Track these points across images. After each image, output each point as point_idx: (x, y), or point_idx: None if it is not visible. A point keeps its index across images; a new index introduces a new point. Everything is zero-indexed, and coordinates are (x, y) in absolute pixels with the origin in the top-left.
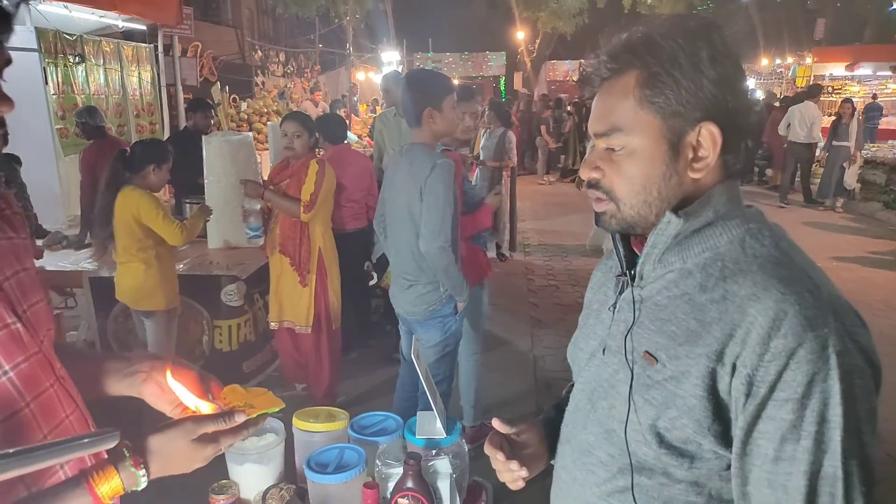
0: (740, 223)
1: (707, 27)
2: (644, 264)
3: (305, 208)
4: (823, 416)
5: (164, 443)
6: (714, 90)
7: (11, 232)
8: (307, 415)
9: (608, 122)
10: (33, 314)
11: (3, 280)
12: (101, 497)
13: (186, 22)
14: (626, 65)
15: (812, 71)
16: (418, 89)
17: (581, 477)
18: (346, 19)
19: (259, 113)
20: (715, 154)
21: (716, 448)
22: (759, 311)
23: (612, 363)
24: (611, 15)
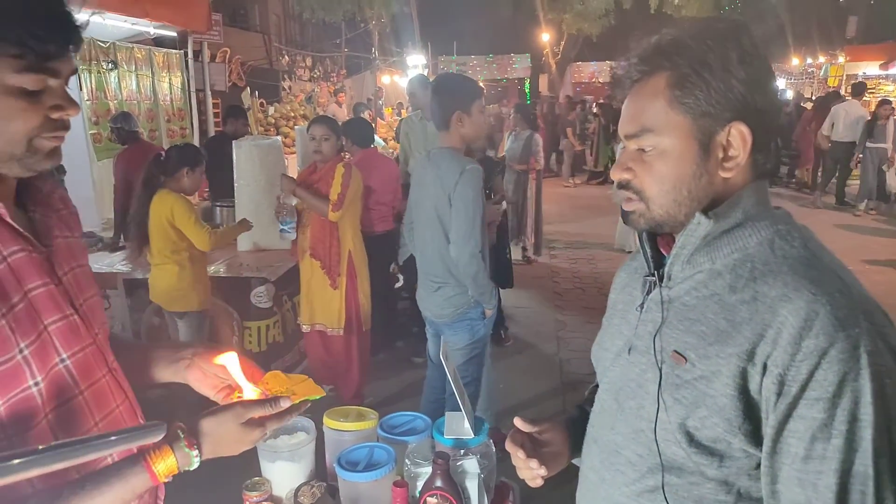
0: (769, 224)
1: (736, 28)
2: (673, 265)
3: (333, 207)
4: (855, 414)
5: (216, 425)
6: (744, 90)
7: (68, 231)
8: (337, 414)
9: (639, 123)
10: (89, 307)
11: (62, 275)
12: (158, 474)
13: (216, 28)
14: (656, 67)
15: (844, 70)
16: (448, 93)
17: (609, 477)
18: (371, 23)
19: (286, 117)
20: (745, 153)
21: (746, 447)
22: (790, 312)
23: (639, 363)
24: (637, 16)
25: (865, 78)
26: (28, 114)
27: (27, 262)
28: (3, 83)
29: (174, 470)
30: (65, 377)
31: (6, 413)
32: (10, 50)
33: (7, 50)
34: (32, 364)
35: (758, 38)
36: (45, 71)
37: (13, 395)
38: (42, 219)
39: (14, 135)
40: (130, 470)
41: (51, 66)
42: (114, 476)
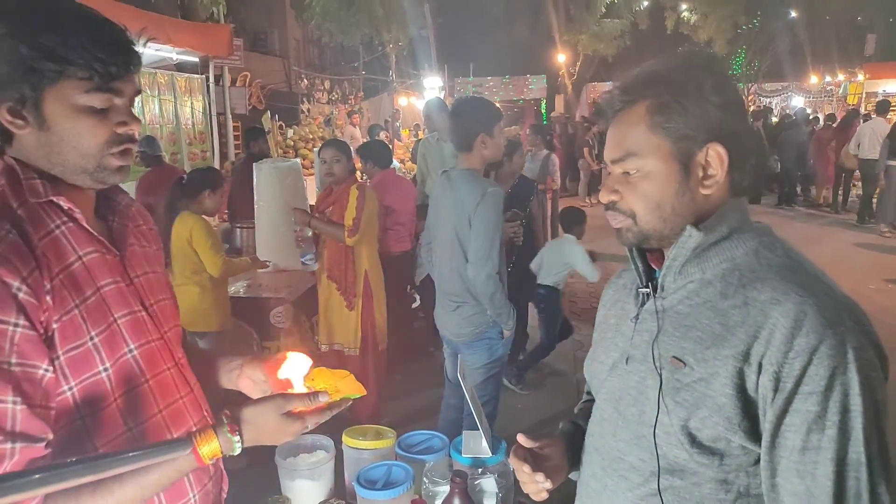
0: (753, 236)
1: (709, 60)
2: (665, 276)
3: (349, 233)
4: (845, 405)
5: (256, 414)
6: (719, 114)
7: (144, 242)
8: (356, 432)
9: (623, 148)
10: (159, 308)
11: (133, 277)
12: (203, 456)
13: (237, 53)
14: (637, 96)
15: (864, 88)
16: (471, 116)
17: (612, 483)
18: (389, 47)
19: (305, 139)
20: (723, 171)
21: (745, 443)
22: (780, 314)
23: (637, 371)
24: (653, 36)
25: (886, 95)
26: (97, 129)
27: (100, 262)
28: (74, 103)
29: (218, 453)
30: (132, 366)
31: (79, 395)
32: (78, 73)
33: (76, 73)
34: (102, 351)
35: (726, 68)
36: (111, 91)
37: (85, 379)
38: (118, 228)
39: (86, 149)
40: (178, 451)
41: (115, 86)
42: (160, 453)
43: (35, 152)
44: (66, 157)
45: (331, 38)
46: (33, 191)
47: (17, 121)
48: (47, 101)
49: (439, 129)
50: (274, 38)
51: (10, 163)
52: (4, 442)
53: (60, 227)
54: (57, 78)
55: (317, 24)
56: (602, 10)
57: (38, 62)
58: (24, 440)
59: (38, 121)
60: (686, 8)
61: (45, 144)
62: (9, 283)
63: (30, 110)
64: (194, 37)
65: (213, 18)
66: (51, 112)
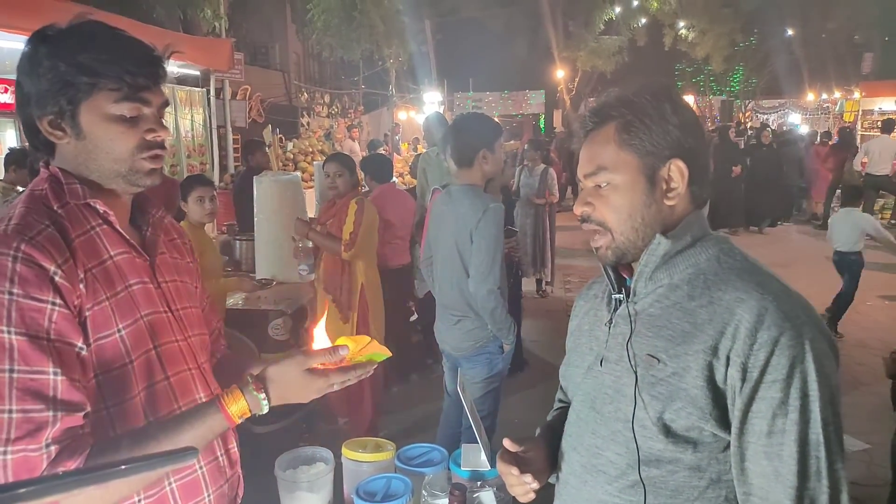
0: (714, 244)
1: (667, 87)
2: (637, 282)
3: (345, 247)
4: (805, 391)
5: (280, 373)
6: (678, 133)
7: (176, 254)
8: (356, 445)
9: (595, 163)
10: (185, 315)
11: (162, 281)
12: (232, 416)
13: (237, 67)
14: (605, 118)
15: (860, 105)
16: (473, 132)
17: (591, 479)
18: (389, 62)
19: (305, 153)
20: (684, 184)
21: (716, 431)
22: (744, 310)
23: (613, 371)
24: (651, 53)
25: (882, 113)
26: (127, 136)
27: (130, 263)
28: (106, 112)
29: (246, 412)
30: (154, 362)
31: (105, 384)
32: (109, 85)
33: (108, 85)
34: (128, 343)
35: (681, 95)
36: (139, 101)
37: (112, 369)
38: (151, 237)
39: (118, 154)
40: (207, 411)
41: (143, 96)
42: (194, 417)
43: (74, 160)
44: (101, 162)
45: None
46: (73, 194)
47: (56, 132)
48: (83, 112)
49: (439, 144)
50: (275, 53)
51: (54, 171)
52: (46, 410)
53: (95, 228)
54: (91, 91)
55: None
56: (600, 27)
57: (75, 77)
58: (65, 409)
59: (76, 131)
60: (684, 25)
61: (83, 152)
62: (46, 266)
63: (67, 122)
64: (196, 51)
65: (215, 33)
66: (86, 122)
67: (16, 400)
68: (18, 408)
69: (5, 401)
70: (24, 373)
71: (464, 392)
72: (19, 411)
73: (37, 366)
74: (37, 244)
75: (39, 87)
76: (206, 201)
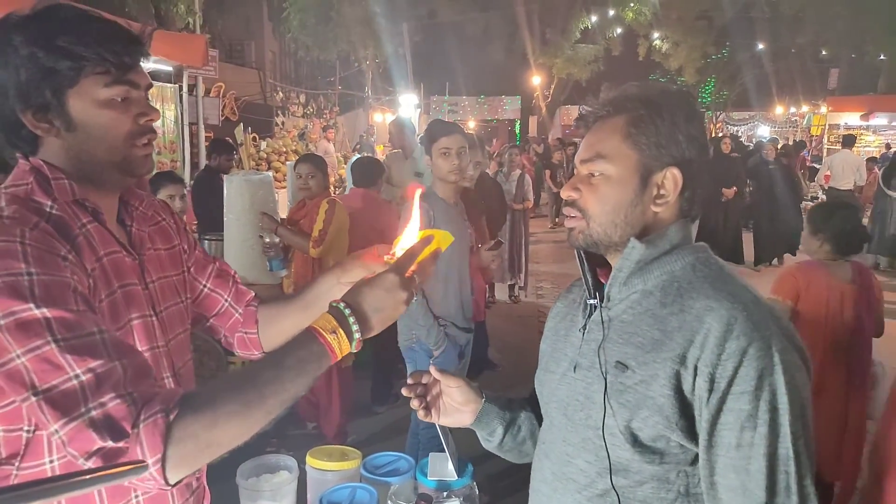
0: (691, 252)
1: (689, 98)
2: (611, 287)
3: (314, 244)
4: (774, 404)
5: (377, 295)
6: (684, 143)
7: (161, 243)
8: (321, 453)
9: (594, 150)
10: (168, 315)
11: (149, 281)
12: (336, 353)
13: (212, 64)
14: (619, 108)
15: (827, 120)
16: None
17: (561, 486)
18: (365, 63)
19: (278, 152)
20: (675, 194)
21: (682, 441)
22: (714, 319)
23: (585, 378)
24: (625, 62)
25: (847, 128)
26: (119, 121)
27: (120, 263)
28: (97, 98)
29: (347, 348)
30: None
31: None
32: (95, 68)
33: (93, 69)
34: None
35: (699, 106)
36: (127, 83)
37: None
38: (137, 232)
39: (111, 142)
40: (320, 351)
41: (130, 77)
42: (306, 356)
43: (63, 155)
44: (94, 153)
45: (307, 52)
46: (61, 190)
47: (42, 125)
48: (71, 101)
49: (403, 147)
50: (250, 50)
51: (37, 164)
52: (110, 362)
53: (86, 227)
54: (76, 77)
55: (294, 37)
56: (577, 35)
57: (56, 62)
58: (127, 356)
59: (66, 122)
60: (658, 36)
61: (74, 145)
62: (57, 248)
63: (55, 114)
64: (168, 46)
65: (189, 29)
66: (76, 111)
67: (75, 364)
68: (82, 370)
69: (66, 369)
70: (69, 339)
71: None
72: (85, 372)
73: (79, 330)
74: (41, 231)
75: (18, 78)
76: (177, 199)
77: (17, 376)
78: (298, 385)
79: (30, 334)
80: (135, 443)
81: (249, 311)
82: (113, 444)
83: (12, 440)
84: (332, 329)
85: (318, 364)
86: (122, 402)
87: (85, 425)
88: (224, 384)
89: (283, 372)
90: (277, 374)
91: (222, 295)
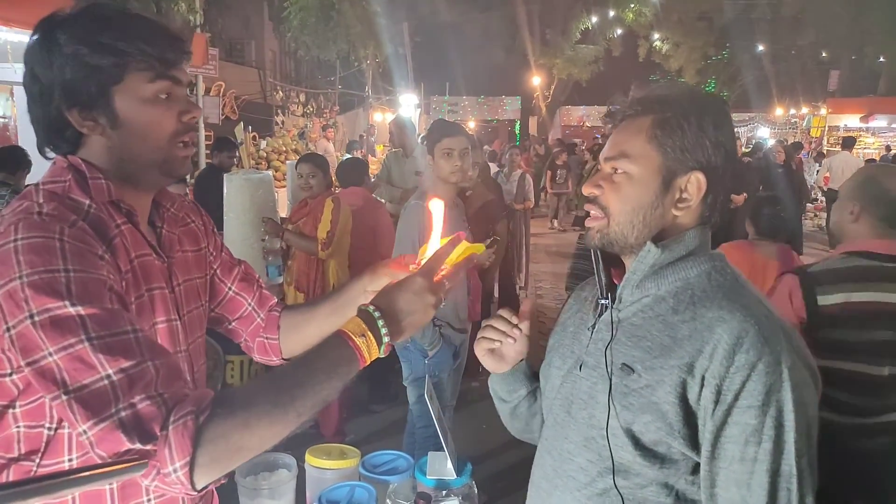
0: (707, 260)
1: (719, 102)
2: (624, 288)
3: (323, 246)
4: (780, 421)
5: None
6: (710, 149)
7: (190, 245)
8: (320, 452)
9: (619, 149)
10: (190, 318)
11: (175, 285)
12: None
13: (212, 62)
14: (647, 109)
15: (827, 122)
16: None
17: (562, 483)
18: (365, 62)
19: (278, 151)
20: (697, 199)
21: (684, 449)
22: (724, 331)
23: (590, 377)
24: (625, 63)
25: (847, 130)
26: (164, 118)
27: (150, 265)
28: (142, 94)
29: (376, 352)
30: None
31: None
32: (139, 65)
33: (137, 65)
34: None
35: (729, 113)
36: (171, 79)
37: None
38: (167, 234)
39: (156, 141)
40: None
41: (172, 73)
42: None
43: (105, 154)
44: (138, 152)
45: (307, 51)
46: (98, 190)
47: (88, 122)
48: (116, 99)
49: (404, 147)
50: (250, 49)
51: (75, 161)
52: (143, 362)
53: (120, 227)
54: (121, 74)
55: (294, 36)
56: (577, 36)
57: (100, 59)
58: (159, 357)
59: (111, 120)
60: (658, 37)
61: (118, 144)
62: (94, 246)
63: (100, 111)
64: None
65: (189, 27)
66: (121, 108)
67: (107, 364)
68: (114, 370)
69: (98, 369)
70: (103, 337)
71: (431, 399)
72: (117, 372)
73: (113, 328)
74: (80, 230)
75: (63, 76)
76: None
77: (48, 374)
78: (329, 388)
79: (64, 332)
80: (163, 445)
81: (272, 317)
82: (141, 445)
83: (33, 437)
84: (361, 332)
85: (348, 368)
86: (152, 404)
87: (114, 426)
88: (255, 387)
89: (313, 375)
90: (308, 377)
91: (246, 298)
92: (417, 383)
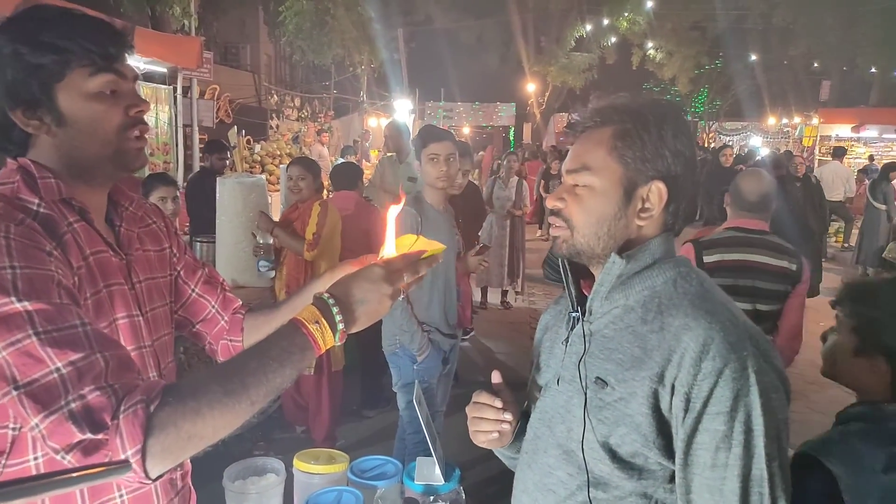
0: (672, 267)
1: (677, 112)
2: (593, 301)
3: (308, 247)
4: (749, 426)
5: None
6: (670, 159)
7: (150, 244)
8: (308, 456)
9: (580, 161)
10: (153, 316)
11: (136, 282)
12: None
13: (206, 66)
14: (607, 120)
15: (818, 131)
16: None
17: (542, 497)
18: (360, 68)
19: (272, 155)
20: (659, 208)
21: (660, 459)
22: (690, 339)
23: (566, 391)
24: (620, 71)
25: (838, 140)
26: (110, 114)
27: (107, 262)
28: (85, 91)
29: (332, 342)
30: None
31: None
32: (81, 61)
33: (79, 62)
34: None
35: (687, 121)
36: (114, 72)
37: None
38: (125, 232)
39: (103, 135)
40: (303, 342)
41: (117, 68)
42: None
43: (54, 153)
44: (86, 148)
45: (302, 55)
46: (48, 189)
47: (33, 122)
48: (59, 96)
49: (399, 151)
50: (245, 53)
51: (24, 162)
52: (91, 355)
53: (73, 226)
54: (62, 71)
55: (289, 41)
56: (572, 44)
57: (41, 58)
58: (109, 349)
59: (56, 118)
60: (652, 46)
61: (65, 141)
62: (42, 244)
63: (44, 110)
64: (163, 47)
65: (184, 31)
66: (65, 106)
67: (55, 357)
68: (63, 363)
69: (47, 363)
70: (51, 332)
71: (420, 405)
72: (66, 365)
73: (61, 323)
74: (27, 227)
75: (4, 77)
76: (169, 201)
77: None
78: (282, 376)
79: (11, 328)
80: (114, 434)
81: (236, 319)
82: (92, 435)
83: None
84: (315, 320)
85: (302, 355)
86: (102, 394)
87: (65, 418)
88: (207, 375)
89: (266, 363)
90: (261, 364)
91: (209, 301)
92: (407, 389)
